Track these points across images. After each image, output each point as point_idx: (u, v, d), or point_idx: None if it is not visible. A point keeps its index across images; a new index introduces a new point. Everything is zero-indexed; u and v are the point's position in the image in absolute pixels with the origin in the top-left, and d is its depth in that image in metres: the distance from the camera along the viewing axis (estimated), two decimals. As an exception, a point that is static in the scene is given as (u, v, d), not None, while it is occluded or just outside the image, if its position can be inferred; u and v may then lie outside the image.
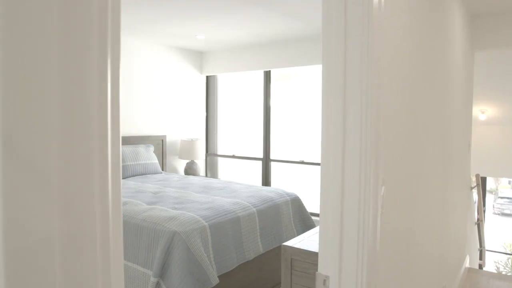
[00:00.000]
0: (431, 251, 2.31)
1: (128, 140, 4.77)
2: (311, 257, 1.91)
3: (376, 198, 1.28)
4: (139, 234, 2.68)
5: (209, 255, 2.60)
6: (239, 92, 5.79)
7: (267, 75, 5.13)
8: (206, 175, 5.91)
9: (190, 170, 5.31)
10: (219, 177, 5.86)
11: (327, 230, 1.23)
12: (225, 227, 2.79)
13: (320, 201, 1.27)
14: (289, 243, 2.06)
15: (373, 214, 1.23)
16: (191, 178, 4.37)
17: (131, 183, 4.01)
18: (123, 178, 4.33)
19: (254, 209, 3.13)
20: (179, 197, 3.30)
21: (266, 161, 5.17)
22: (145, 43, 4.97)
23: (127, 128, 4.82)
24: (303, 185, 4.88)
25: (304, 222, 3.65)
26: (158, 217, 2.70)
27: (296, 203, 3.64)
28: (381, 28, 1.24)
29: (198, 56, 5.69)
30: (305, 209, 3.71)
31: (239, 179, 5.52)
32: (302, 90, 5.11)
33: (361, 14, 1.17)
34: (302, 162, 4.76)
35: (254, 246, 3.01)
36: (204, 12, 3.63)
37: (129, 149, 4.56)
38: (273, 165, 5.16)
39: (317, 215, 3.70)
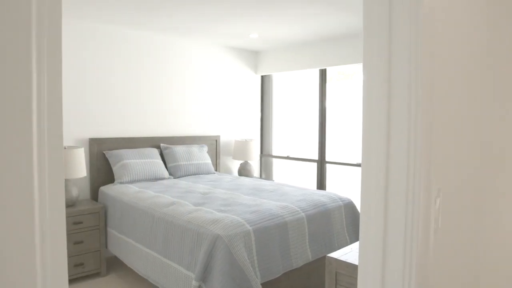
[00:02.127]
0: (509, 274, 2.00)
1: (182, 140, 4.82)
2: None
3: (428, 211, 1.08)
4: (184, 236, 2.65)
5: (252, 261, 2.49)
6: (294, 91, 5.63)
7: (323, 74, 4.93)
8: (261, 176, 5.82)
9: (243, 171, 5.26)
10: (273, 178, 5.75)
11: (367, 251, 1.06)
12: (271, 232, 2.66)
13: (360, 216, 1.10)
14: (334, 254, 1.89)
15: (423, 231, 1.04)
16: (242, 179, 4.30)
17: (183, 183, 4.03)
18: (176, 178, 4.38)
19: (303, 214, 2.97)
20: (227, 199, 3.24)
21: (321, 163, 4.97)
22: (198, 43, 5.00)
23: (180, 128, 4.87)
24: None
25: (358, 229, 3.42)
26: (202, 219, 2.65)
27: (349, 208, 3.42)
28: (432, 18, 1.05)
29: (253, 56, 5.62)
30: (359, 216, 3.47)
31: (293, 181, 5.36)
32: (359, 90, 4.85)
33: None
34: (360, 165, 4.50)
35: (302, 253, 2.85)
36: (256, 10, 3.54)
37: (182, 149, 4.60)
38: (328, 167, 4.94)
39: (373, 222, 3.46)
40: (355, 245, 2.01)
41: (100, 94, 4.16)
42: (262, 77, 5.78)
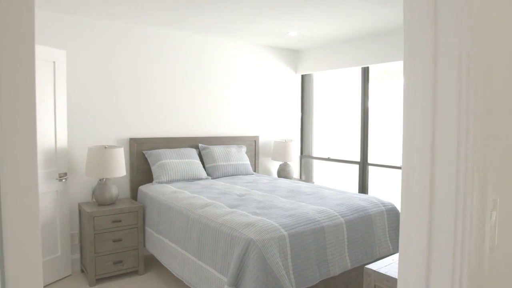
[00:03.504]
0: None
1: (220, 141, 4.79)
2: (400, 286, 1.57)
3: (483, 226, 0.93)
4: (217, 239, 2.59)
5: (287, 267, 2.39)
6: (335, 91, 5.44)
7: (365, 72, 4.72)
8: (300, 178, 5.69)
9: (283, 172, 5.15)
10: (313, 180, 5.60)
11: (408, 268, 0.93)
12: (307, 238, 2.54)
13: (400, 226, 0.97)
14: (373, 266, 1.74)
15: (476, 250, 0.90)
16: (280, 180, 4.20)
17: (220, 183, 3.99)
18: (213, 178, 4.35)
19: (342, 219, 2.82)
20: (263, 201, 3.15)
21: (363, 165, 4.77)
22: (236, 42, 4.95)
23: (219, 128, 4.85)
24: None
25: (403, 236, 3.21)
26: (236, 222, 2.57)
27: (392, 214, 3.22)
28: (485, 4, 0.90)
29: (292, 55, 5.50)
30: (404, 222, 3.26)
31: (333, 183, 5.19)
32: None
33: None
34: (404, 168, 4.26)
35: (340, 260, 2.71)
36: (295, 8, 3.43)
37: (220, 149, 4.57)
38: (371, 169, 4.73)
39: (418, 229, 3.23)
40: (398, 256, 1.86)
41: (140, 95, 4.21)
42: (303, 76, 5.64)
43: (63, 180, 3.57)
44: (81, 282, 3.52)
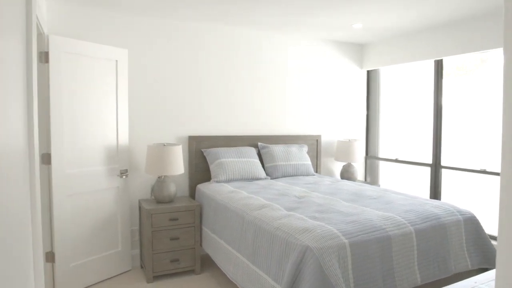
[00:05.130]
0: None
1: (280, 140, 4.63)
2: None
3: None
4: (272, 244, 2.43)
5: (347, 279, 2.16)
6: (405, 87, 5.04)
7: (439, 66, 4.29)
8: (365, 180, 5.36)
9: (346, 173, 4.88)
10: (379, 183, 5.24)
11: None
12: (371, 247, 2.29)
13: (498, 248, 0.74)
14: None
15: None
16: (343, 182, 3.94)
17: (279, 184, 3.83)
18: (272, 178, 4.21)
19: (412, 227, 2.53)
20: (323, 205, 2.94)
21: (435, 167, 4.34)
22: (296, 37, 4.75)
23: (279, 127, 4.69)
24: (484, 201, 3.89)
25: (483, 251, 2.82)
26: (292, 227, 2.39)
27: (471, 224, 2.84)
28: None
29: (357, 49, 5.18)
30: (484, 234, 2.87)
31: (401, 187, 4.80)
32: (483, 87, 4.08)
33: None
34: (484, 172, 3.79)
35: (409, 274, 2.42)
36: (360, -5, 3.17)
37: (280, 148, 4.41)
38: (444, 173, 4.29)
39: (503, 243, 2.82)
40: (481, 277, 1.56)
41: (199, 93, 4.19)
42: (368, 72, 5.30)
43: (124, 177, 3.63)
44: (139, 278, 3.56)
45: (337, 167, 5.16)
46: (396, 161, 4.90)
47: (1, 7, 1.11)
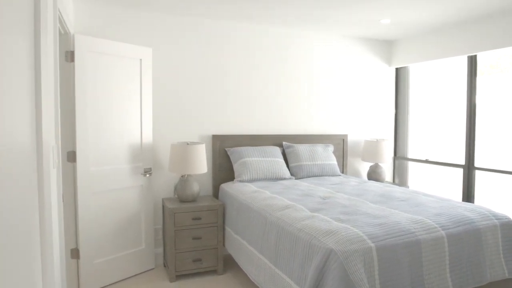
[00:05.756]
0: None
1: (306, 139, 4.53)
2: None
3: None
4: (295, 246, 2.35)
5: (373, 285, 2.06)
6: (435, 85, 4.84)
7: (472, 62, 4.08)
8: (394, 181, 5.19)
9: (373, 174, 4.73)
10: (408, 184, 5.06)
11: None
12: (399, 252, 2.18)
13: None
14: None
15: None
16: (370, 183, 3.81)
17: (303, 184, 3.75)
18: (297, 178, 4.12)
19: (443, 232, 2.39)
20: (349, 206, 2.83)
21: (468, 169, 4.14)
22: (322, 35, 4.64)
23: (304, 126, 4.60)
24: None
25: (521, 258, 2.65)
26: (316, 228, 2.31)
27: (508, 229, 2.67)
28: None
29: (385, 46, 5.02)
30: (523, 240, 2.69)
31: (432, 189, 4.61)
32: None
33: None
34: (523, 174, 3.58)
35: (440, 282, 2.29)
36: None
37: (305, 148, 4.32)
38: (478, 174, 4.08)
39: (543, 250, 2.63)
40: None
41: (223, 91, 4.15)
42: (397, 69, 5.13)
43: (148, 175, 3.63)
44: (162, 277, 3.55)
45: (364, 167, 5.02)
46: (426, 161, 4.71)
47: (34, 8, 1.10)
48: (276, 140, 4.39)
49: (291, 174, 4.19)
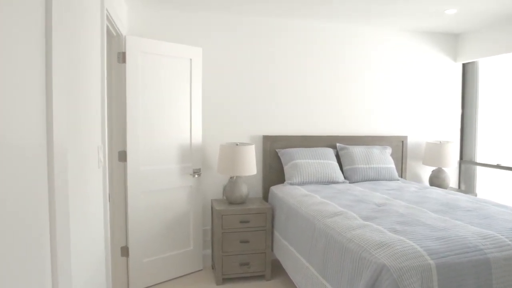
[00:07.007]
0: None
1: (361, 140, 4.29)
2: None
3: None
4: (343, 257, 2.18)
5: (433, 307, 1.83)
6: (509, 81, 4.36)
7: (558, 54, 3.61)
8: (459, 188, 4.77)
9: (436, 179, 4.37)
10: (476, 192, 4.62)
11: None
12: (464, 272, 1.93)
13: None
14: None
15: None
16: (432, 190, 3.50)
17: (357, 189, 3.53)
18: (351, 182, 3.90)
19: (518, 250, 2.09)
20: (406, 215, 2.59)
21: (549, 177, 3.67)
22: (379, 30, 4.35)
23: (360, 127, 4.35)
24: None
25: None
26: (368, 239, 2.11)
27: None
28: None
29: (450, 39, 4.61)
30: None
31: (504, 198, 4.16)
32: None
33: None
34: None
35: (513, 307, 2.00)
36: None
37: (361, 150, 4.08)
38: (561, 183, 3.61)
39: None
40: None
41: (274, 91, 4.03)
42: (464, 65, 4.70)
43: (197, 176, 3.61)
44: (209, 279, 3.51)
45: (425, 172, 4.65)
46: (498, 167, 4.26)
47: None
48: (330, 141, 4.19)
49: (345, 178, 3.98)
